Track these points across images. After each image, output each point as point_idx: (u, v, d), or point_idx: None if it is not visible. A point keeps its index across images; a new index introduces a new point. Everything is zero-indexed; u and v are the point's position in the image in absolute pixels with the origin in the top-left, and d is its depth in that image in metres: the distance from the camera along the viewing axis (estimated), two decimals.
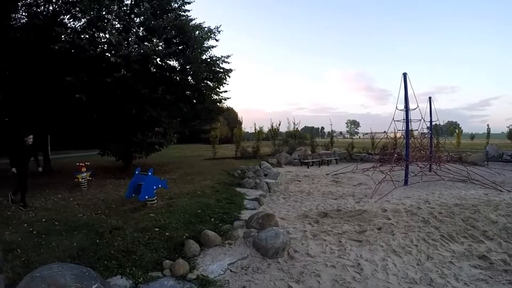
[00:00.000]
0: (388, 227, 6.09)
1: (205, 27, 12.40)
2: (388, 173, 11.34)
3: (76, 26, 10.78)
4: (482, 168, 14.96)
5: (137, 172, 6.81)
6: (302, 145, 23.56)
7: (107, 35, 9.84)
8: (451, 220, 6.42)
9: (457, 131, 29.07)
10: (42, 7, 10.86)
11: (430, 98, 15.27)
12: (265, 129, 23.77)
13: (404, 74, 11.37)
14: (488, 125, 26.78)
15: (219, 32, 12.66)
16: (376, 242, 5.25)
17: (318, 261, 4.49)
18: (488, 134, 26.81)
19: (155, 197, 6.62)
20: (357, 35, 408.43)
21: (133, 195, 6.48)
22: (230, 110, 46.47)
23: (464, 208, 7.41)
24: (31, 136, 6.99)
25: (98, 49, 10.19)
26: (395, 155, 13.55)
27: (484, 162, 17.58)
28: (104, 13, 10.17)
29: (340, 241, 5.30)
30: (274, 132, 22.76)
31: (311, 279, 3.94)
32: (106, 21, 10.20)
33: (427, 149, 14.95)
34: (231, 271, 4.05)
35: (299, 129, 26.88)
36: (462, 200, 8.43)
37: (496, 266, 4.34)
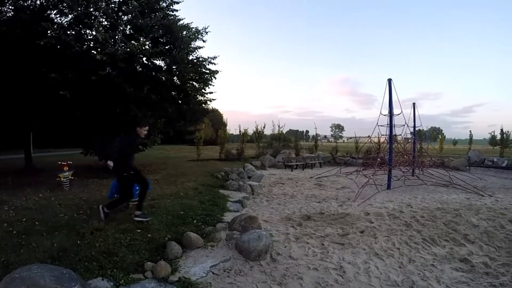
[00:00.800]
0: (370, 230, 6.18)
1: (193, 28, 12.38)
2: (371, 177, 11.53)
3: (63, 21, 10.57)
4: (464, 173, 15.39)
5: None
6: (286, 148, 23.72)
7: (94, 32, 9.69)
8: (433, 224, 6.57)
9: (440, 137, 29.82)
10: (29, 1, 10.62)
11: (414, 104, 15.64)
12: (250, 131, 23.86)
13: (389, 80, 11.58)
14: (470, 131, 27.45)
15: (206, 33, 12.66)
16: (358, 245, 5.33)
17: (301, 263, 4.53)
18: (471, 140, 27.45)
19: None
20: (344, 40, 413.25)
21: (115, 195, 6.40)
22: (215, 112, 46.33)
23: (446, 212, 7.59)
24: (147, 127, 6.01)
25: (84, 46, 10.03)
26: (379, 159, 13.79)
27: (466, 167, 18.06)
28: (91, 9, 10.02)
29: (323, 244, 5.36)
30: (258, 135, 22.85)
31: (293, 281, 3.98)
32: (93, 17, 10.04)
33: (410, 154, 15.27)
34: (213, 273, 4.06)
35: (284, 132, 27.04)
36: (444, 204, 8.62)
37: (477, 268, 4.47)
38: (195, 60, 12.47)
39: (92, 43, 10.37)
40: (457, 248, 5.32)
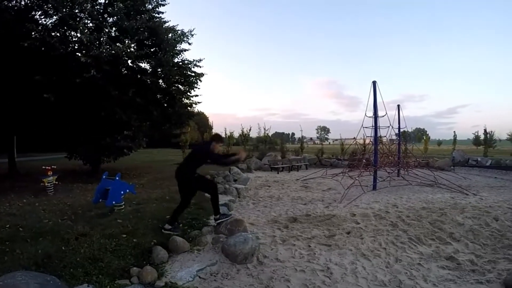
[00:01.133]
0: (357, 231, 6.23)
1: (178, 30, 12.39)
2: (357, 178, 11.66)
3: (48, 23, 10.42)
4: (448, 173, 15.72)
5: (104, 177, 6.67)
6: (272, 150, 23.75)
7: (79, 34, 9.59)
8: (419, 223, 6.67)
9: (424, 138, 30.33)
10: (14, 1, 10.43)
11: (398, 106, 15.93)
12: (236, 134, 23.85)
13: (374, 82, 11.76)
14: (454, 132, 27.87)
15: (192, 35, 12.66)
16: (345, 246, 5.37)
17: (288, 266, 4.54)
18: (455, 141, 27.92)
19: (123, 203, 6.51)
20: (329, 42, 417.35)
21: (100, 200, 6.35)
22: (201, 115, 46.19)
23: (431, 211, 7.72)
24: (222, 144, 6.08)
25: (68, 48, 9.90)
26: (364, 160, 13.96)
27: (451, 167, 18.50)
28: (76, 11, 9.91)
29: (310, 246, 5.38)
30: (244, 138, 22.86)
31: (280, 284, 3.99)
32: (78, 19, 9.93)
33: (395, 155, 15.53)
34: (200, 277, 4.05)
35: (270, 134, 27.14)
36: (429, 203, 8.75)
37: (463, 266, 4.54)
38: (180, 63, 12.49)
39: (76, 45, 10.26)
40: (443, 246, 5.41)
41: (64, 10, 9.55)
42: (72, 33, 10.40)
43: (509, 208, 7.99)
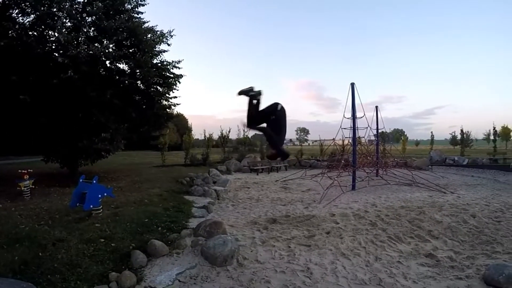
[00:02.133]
0: (336, 231, 6.37)
1: (158, 31, 12.27)
2: (336, 178, 11.88)
3: (25, 22, 10.13)
4: (426, 172, 16.13)
5: (81, 180, 6.55)
6: (252, 152, 23.86)
7: (56, 34, 9.38)
8: (398, 222, 6.87)
9: (402, 138, 31.03)
10: None
11: (376, 107, 16.38)
12: (216, 136, 23.78)
13: (352, 84, 12.02)
14: (432, 132, 28.77)
15: (171, 36, 12.57)
16: (325, 246, 5.49)
17: (268, 267, 4.62)
18: (432, 141, 28.69)
19: (101, 206, 6.42)
20: (308, 44, 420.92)
21: (77, 204, 6.24)
22: (180, 116, 45.71)
23: (410, 210, 7.96)
24: None
25: (46, 48, 9.67)
26: (343, 161, 14.24)
27: (428, 167, 19.03)
28: (55, 9, 9.67)
29: (289, 247, 5.48)
30: (224, 139, 22.82)
31: (261, 285, 4.07)
32: (56, 18, 9.70)
33: (374, 155, 15.90)
34: (179, 281, 4.09)
35: (249, 136, 27.20)
36: (408, 202, 9.01)
37: (442, 263, 4.72)
38: (159, 64, 12.39)
39: (54, 45, 10.03)
40: (422, 244, 5.60)
41: (42, 8, 9.33)
42: (50, 32, 10.16)
43: (486, 205, 8.33)
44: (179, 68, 12.84)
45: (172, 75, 12.81)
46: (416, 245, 5.55)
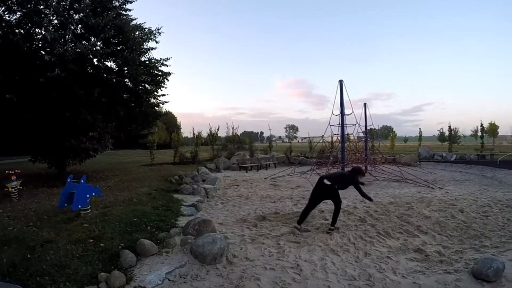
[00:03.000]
0: (325, 227, 6.42)
1: (146, 28, 12.16)
2: None
3: (11, 19, 9.96)
4: (415, 168, 16.43)
5: (69, 180, 6.51)
6: (241, 149, 23.92)
7: (43, 31, 9.24)
8: (387, 218, 6.95)
9: (391, 135, 31.36)
10: None
11: (365, 104, 16.61)
12: (204, 134, 23.73)
13: (340, 81, 12.15)
14: (420, 128, 29.16)
15: (159, 33, 12.47)
16: (314, 243, 5.53)
17: (257, 264, 4.64)
18: (420, 137, 29.13)
19: (89, 206, 6.39)
20: (297, 42, 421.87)
21: (66, 204, 6.21)
22: (168, 115, 45.39)
23: (398, 205, 8.03)
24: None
25: (33, 46, 9.52)
26: (331, 158, 14.37)
27: (417, 163, 19.41)
28: (42, 6, 9.52)
29: (279, 244, 5.51)
30: (213, 137, 22.79)
31: (250, 283, 4.09)
32: (43, 15, 9.55)
33: (363, 151, 16.09)
34: (169, 280, 4.10)
35: (239, 133, 27.22)
36: (397, 198, 9.09)
37: (431, 257, 4.79)
38: (147, 62, 12.29)
39: (41, 43, 9.89)
40: (411, 239, 5.69)
41: (29, 5, 9.19)
42: (37, 30, 10.00)
43: (474, 200, 8.49)
44: (167, 66, 12.81)
45: (160, 73, 12.73)
46: (405, 240, 5.63)
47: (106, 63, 11.60)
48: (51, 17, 9.94)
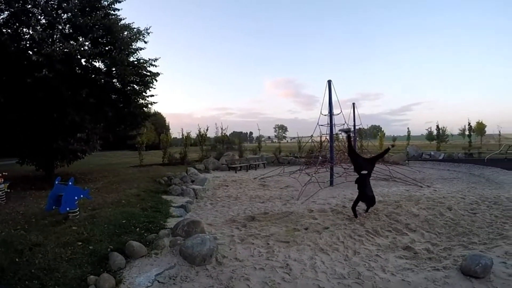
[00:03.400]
0: (314, 226, 6.47)
1: (134, 28, 12.09)
2: (314, 175, 12.09)
3: None
4: (403, 167, 16.64)
5: (57, 182, 6.47)
6: (230, 150, 23.93)
7: (31, 31, 9.13)
8: (375, 216, 7.03)
9: (380, 134, 31.53)
10: None
11: (353, 104, 16.79)
12: (193, 135, 23.64)
13: (329, 81, 12.25)
14: (408, 128, 29.25)
15: (148, 33, 12.41)
16: (303, 242, 5.57)
17: (247, 264, 4.67)
18: (409, 136, 29.26)
19: (77, 208, 6.34)
20: (286, 42, 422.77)
21: (54, 207, 6.17)
22: (157, 115, 45.04)
23: (387, 204, 8.14)
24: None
25: (20, 46, 9.40)
26: (320, 157, 14.48)
27: (405, 161, 19.60)
28: (29, 6, 9.43)
29: (268, 244, 5.55)
30: (202, 138, 22.72)
31: (240, 283, 4.11)
32: (31, 15, 9.44)
33: None
34: (158, 281, 4.12)
35: (228, 134, 27.20)
36: (385, 197, 9.18)
37: (420, 255, 4.86)
38: (135, 62, 12.22)
39: (28, 42, 9.78)
40: (399, 237, 5.76)
41: (16, 5, 9.10)
42: (24, 30, 9.89)
43: (462, 198, 8.63)
44: (156, 66, 12.76)
45: (148, 73, 12.67)
46: (393, 239, 5.70)
47: (94, 63, 11.51)
48: (39, 17, 9.85)
